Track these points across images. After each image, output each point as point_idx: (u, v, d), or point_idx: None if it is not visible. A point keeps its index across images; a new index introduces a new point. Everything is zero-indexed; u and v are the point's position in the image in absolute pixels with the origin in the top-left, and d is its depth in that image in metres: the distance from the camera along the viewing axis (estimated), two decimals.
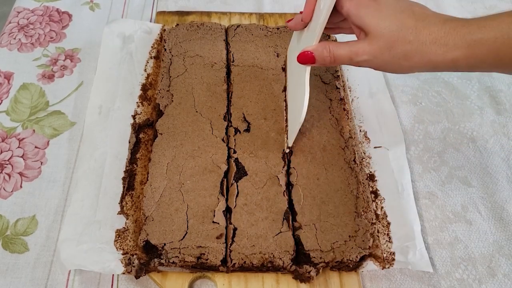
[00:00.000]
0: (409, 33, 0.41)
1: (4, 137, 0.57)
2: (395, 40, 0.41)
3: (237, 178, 0.50)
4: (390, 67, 0.43)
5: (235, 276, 0.46)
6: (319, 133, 0.55)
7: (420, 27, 0.41)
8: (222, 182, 0.50)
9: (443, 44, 0.40)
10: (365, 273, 0.48)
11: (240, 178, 0.50)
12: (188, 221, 0.47)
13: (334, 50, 0.44)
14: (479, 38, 0.39)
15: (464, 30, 0.40)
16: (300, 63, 0.46)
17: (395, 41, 0.41)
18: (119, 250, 0.46)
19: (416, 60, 0.41)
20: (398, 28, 0.41)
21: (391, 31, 0.41)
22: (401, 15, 0.42)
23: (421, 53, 0.41)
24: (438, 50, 0.40)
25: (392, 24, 0.41)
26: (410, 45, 0.41)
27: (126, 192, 0.51)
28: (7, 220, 0.50)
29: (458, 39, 0.40)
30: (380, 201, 0.52)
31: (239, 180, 0.50)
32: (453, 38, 0.40)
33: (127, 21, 0.68)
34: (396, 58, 0.42)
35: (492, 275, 0.49)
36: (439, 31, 0.40)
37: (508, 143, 0.60)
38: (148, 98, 0.60)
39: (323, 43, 0.45)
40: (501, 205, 0.54)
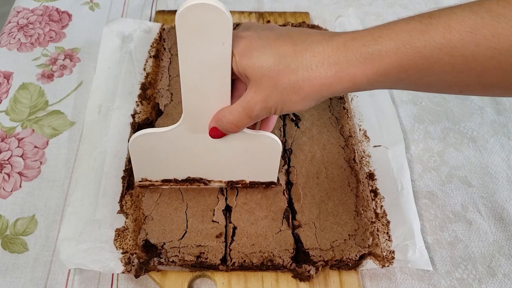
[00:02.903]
0: (290, 61, 0.34)
1: (3, 137, 0.57)
2: (277, 75, 0.34)
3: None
4: (286, 106, 0.36)
5: (234, 275, 0.46)
6: (319, 131, 0.55)
7: (300, 51, 0.34)
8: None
9: (332, 63, 0.34)
10: (365, 271, 0.48)
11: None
12: (187, 220, 0.47)
13: (230, 118, 0.39)
14: (376, 50, 0.33)
15: (356, 43, 0.33)
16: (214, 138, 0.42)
17: (277, 75, 0.34)
18: (118, 249, 0.46)
19: (306, 90, 0.35)
20: (276, 60, 0.34)
21: (270, 66, 0.34)
22: (276, 44, 0.35)
23: (310, 80, 0.34)
24: (328, 71, 0.34)
25: (268, 57, 0.34)
26: (295, 75, 0.34)
27: (125, 191, 0.51)
28: (6, 220, 0.50)
29: (351, 54, 0.33)
30: (380, 200, 0.52)
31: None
32: (344, 54, 0.33)
33: (127, 21, 0.68)
34: (286, 95, 0.35)
35: (492, 275, 0.49)
36: (325, 50, 0.34)
37: (508, 143, 0.60)
38: (148, 98, 0.60)
39: (219, 114, 0.39)
40: (501, 205, 0.54)
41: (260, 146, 0.44)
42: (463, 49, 0.31)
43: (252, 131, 0.43)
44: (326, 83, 0.34)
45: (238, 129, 0.40)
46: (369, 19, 0.75)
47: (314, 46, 0.34)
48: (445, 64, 0.32)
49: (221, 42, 0.34)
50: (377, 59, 0.33)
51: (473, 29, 0.30)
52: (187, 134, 0.43)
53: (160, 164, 0.47)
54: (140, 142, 0.44)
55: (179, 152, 0.45)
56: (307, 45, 0.35)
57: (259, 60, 0.35)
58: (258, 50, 0.35)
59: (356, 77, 0.34)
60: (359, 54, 0.33)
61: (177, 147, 0.44)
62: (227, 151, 0.45)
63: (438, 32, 0.31)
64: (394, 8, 0.77)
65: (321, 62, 0.34)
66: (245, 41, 0.36)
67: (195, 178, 0.49)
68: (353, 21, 0.70)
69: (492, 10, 0.30)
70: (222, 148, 0.44)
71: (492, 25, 0.30)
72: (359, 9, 0.76)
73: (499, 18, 0.30)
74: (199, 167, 0.47)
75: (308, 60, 0.34)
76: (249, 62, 0.35)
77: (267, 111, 0.37)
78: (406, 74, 0.33)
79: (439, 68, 0.32)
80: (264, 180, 0.49)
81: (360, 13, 0.75)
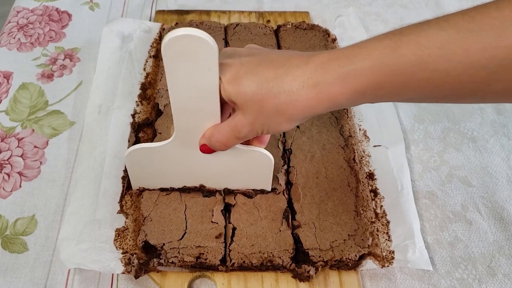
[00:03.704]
0: (271, 87, 0.35)
1: (3, 136, 0.57)
2: (261, 99, 0.36)
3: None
4: (271, 128, 0.38)
5: (234, 275, 0.46)
6: (319, 131, 0.55)
7: (281, 75, 0.35)
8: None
9: (312, 85, 0.35)
10: (365, 272, 0.48)
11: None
12: (186, 220, 0.47)
13: (219, 137, 0.40)
14: (351, 70, 0.34)
15: (332, 64, 0.35)
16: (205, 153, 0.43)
17: (261, 99, 0.36)
18: (118, 249, 0.46)
19: (290, 112, 0.36)
20: (258, 85, 0.35)
21: (253, 91, 0.36)
22: (258, 69, 0.36)
23: (292, 103, 0.35)
24: (309, 94, 0.35)
25: (252, 83, 0.36)
26: (278, 99, 0.35)
27: (125, 191, 0.51)
28: (6, 220, 0.50)
29: (328, 75, 0.34)
30: (380, 200, 0.52)
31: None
32: (322, 76, 0.35)
33: (127, 20, 0.68)
34: (271, 117, 0.37)
35: (492, 275, 0.48)
36: (304, 73, 0.35)
37: (508, 143, 0.60)
38: (147, 98, 0.60)
39: (208, 132, 0.41)
40: (501, 205, 0.54)
41: (252, 160, 0.45)
42: (435, 64, 0.32)
43: (244, 146, 0.43)
44: (308, 104, 0.36)
45: (226, 147, 0.41)
46: (369, 19, 0.75)
47: (294, 70, 0.36)
48: (420, 79, 0.33)
49: (207, 68, 0.35)
50: (353, 78, 0.34)
51: (443, 45, 0.31)
52: (180, 149, 0.44)
53: (156, 175, 0.48)
54: (136, 156, 0.45)
55: (173, 164, 0.46)
56: (287, 69, 0.36)
57: (243, 87, 0.36)
58: (242, 77, 0.36)
59: (336, 96, 0.35)
60: (336, 74, 0.34)
61: (172, 160, 0.45)
62: (220, 164, 0.45)
63: (409, 50, 0.32)
64: (394, 8, 0.77)
65: (301, 85, 0.35)
66: (229, 69, 0.37)
67: (191, 187, 0.49)
68: (353, 21, 0.69)
69: (458, 25, 0.31)
70: (216, 161, 0.45)
71: (460, 41, 0.31)
72: (359, 9, 0.76)
73: (466, 33, 0.30)
74: (194, 177, 0.48)
75: (289, 84, 0.35)
76: (234, 89, 0.36)
77: (254, 133, 0.39)
78: (383, 91, 0.34)
79: (415, 83, 0.33)
80: (258, 188, 0.49)
81: (360, 13, 0.75)
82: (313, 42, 0.65)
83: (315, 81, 0.35)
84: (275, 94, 0.35)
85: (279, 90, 0.35)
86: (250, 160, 0.45)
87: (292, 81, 0.35)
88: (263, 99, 0.36)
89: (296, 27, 0.67)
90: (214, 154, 0.43)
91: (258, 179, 0.48)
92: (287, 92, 0.35)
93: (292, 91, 0.35)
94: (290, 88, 0.35)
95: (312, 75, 0.35)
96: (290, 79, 0.35)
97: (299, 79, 0.35)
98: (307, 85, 0.35)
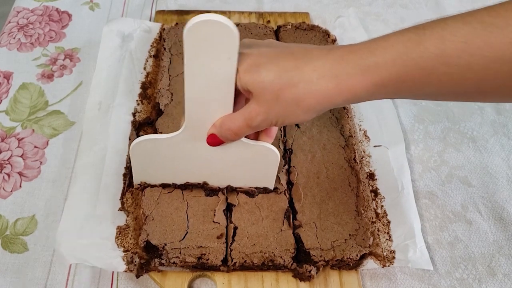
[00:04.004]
0: (291, 76, 0.35)
1: (3, 137, 0.57)
2: (279, 89, 0.36)
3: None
4: (287, 118, 0.38)
5: (235, 275, 0.46)
6: (319, 131, 0.55)
7: (301, 66, 0.36)
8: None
9: (332, 76, 0.35)
10: (365, 272, 0.48)
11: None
12: (188, 220, 0.47)
13: (230, 125, 0.40)
14: (373, 62, 0.34)
15: (353, 56, 0.35)
16: (211, 145, 0.42)
17: (280, 89, 0.36)
18: (120, 247, 0.46)
19: (308, 102, 0.36)
20: (277, 75, 0.36)
21: (272, 80, 0.36)
22: (278, 60, 0.36)
23: (311, 93, 0.35)
24: (329, 84, 0.35)
25: (270, 72, 0.36)
26: (296, 88, 0.35)
27: (126, 189, 0.51)
28: (6, 220, 0.50)
29: (349, 67, 0.34)
30: (380, 200, 0.52)
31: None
32: (343, 68, 0.35)
33: (127, 20, 0.68)
34: (288, 107, 0.36)
35: (492, 275, 0.49)
36: (325, 64, 0.35)
37: (508, 143, 0.60)
38: (148, 97, 0.60)
39: (219, 121, 0.40)
40: (501, 205, 0.54)
41: (258, 156, 0.45)
42: (458, 59, 0.31)
43: (251, 141, 0.43)
44: (327, 95, 0.35)
45: (236, 137, 0.41)
46: (369, 19, 0.75)
47: (314, 61, 0.36)
48: (442, 74, 0.32)
49: (227, 57, 0.35)
50: (375, 70, 0.34)
51: (467, 39, 0.31)
52: (188, 141, 0.43)
53: (160, 169, 0.47)
54: (142, 147, 0.45)
55: (179, 158, 0.46)
56: (308, 60, 0.36)
57: (261, 76, 0.36)
58: (260, 66, 0.36)
59: (356, 88, 0.35)
60: (357, 66, 0.34)
61: (178, 153, 0.45)
62: (226, 159, 0.45)
63: (433, 43, 0.32)
64: (394, 8, 0.77)
65: (322, 75, 0.35)
66: (247, 58, 0.37)
67: (194, 183, 0.49)
68: (353, 21, 0.70)
69: (484, 20, 0.31)
70: (221, 156, 0.45)
71: (485, 35, 0.31)
72: (359, 9, 0.76)
73: (491, 28, 0.30)
74: (198, 173, 0.48)
75: (309, 74, 0.35)
76: (251, 78, 0.36)
77: (268, 123, 0.38)
78: (404, 85, 0.34)
79: (436, 78, 0.33)
80: (261, 186, 0.49)
81: (360, 13, 0.75)
82: (313, 42, 0.65)
83: (335, 72, 0.35)
84: (294, 84, 0.35)
85: (298, 80, 0.35)
86: (256, 155, 0.44)
87: (312, 71, 0.35)
88: (281, 88, 0.36)
89: (296, 27, 0.67)
90: (220, 148, 0.43)
91: (262, 176, 0.48)
92: (306, 81, 0.35)
93: (312, 81, 0.35)
94: (310, 78, 0.35)
95: (333, 66, 0.35)
96: (310, 69, 0.35)
97: (319, 70, 0.35)
98: (327, 76, 0.35)
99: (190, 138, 0.43)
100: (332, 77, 0.35)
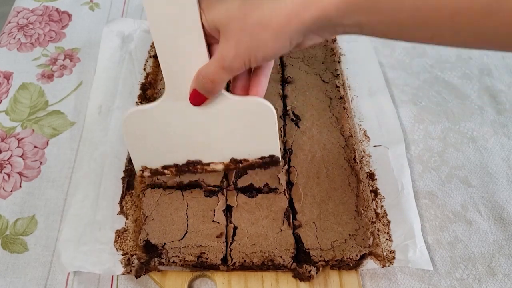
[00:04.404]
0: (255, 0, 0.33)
1: (3, 137, 0.57)
2: (243, 15, 0.33)
3: (237, 177, 0.50)
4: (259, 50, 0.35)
5: (234, 275, 0.46)
6: (319, 131, 0.55)
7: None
8: (222, 181, 0.50)
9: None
10: (365, 272, 0.48)
11: (240, 177, 0.50)
12: (188, 220, 0.47)
13: (206, 72, 0.38)
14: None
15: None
16: (195, 104, 0.41)
17: (244, 15, 0.33)
18: (119, 251, 0.46)
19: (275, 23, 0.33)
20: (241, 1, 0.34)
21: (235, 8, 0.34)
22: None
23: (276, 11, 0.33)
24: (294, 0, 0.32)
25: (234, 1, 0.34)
26: (261, 10, 0.33)
27: (125, 192, 0.51)
28: (6, 220, 0.50)
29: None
30: (380, 200, 0.52)
31: (239, 178, 0.50)
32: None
33: (127, 20, 0.68)
34: (255, 34, 0.34)
35: (492, 275, 0.49)
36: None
37: (508, 143, 0.60)
38: (148, 98, 0.60)
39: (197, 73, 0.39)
40: (501, 205, 0.54)
41: (251, 114, 0.42)
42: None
43: (238, 96, 0.41)
44: (293, 12, 0.33)
45: (214, 85, 0.39)
46: None
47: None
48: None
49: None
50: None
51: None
52: (174, 106, 0.42)
53: (156, 146, 0.46)
54: (133, 124, 0.43)
55: (171, 129, 0.44)
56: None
57: (225, 6, 0.35)
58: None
59: (324, 4, 0.32)
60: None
61: (168, 123, 0.43)
62: (220, 124, 0.43)
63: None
64: None
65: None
66: None
67: (195, 161, 0.47)
68: None
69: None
70: (213, 120, 0.42)
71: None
72: None
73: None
74: (197, 148, 0.46)
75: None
76: (216, 12, 0.35)
77: (241, 60, 0.36)
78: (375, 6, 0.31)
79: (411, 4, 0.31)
80: (266, 154, 0.48)
81: None
82: None
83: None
84: (258, 6, 0.33)
85: (261, 1, 0.33)
86: (249, 113, 0.42)
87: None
88: (245, 14, 0.34)
89: None
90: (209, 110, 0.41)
91: (263, 142, 0.46)
92: (271, 1, 0.33)
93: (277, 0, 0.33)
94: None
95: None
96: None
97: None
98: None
99: (174, 99, 0.41)
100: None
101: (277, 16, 0.33)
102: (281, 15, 0.33)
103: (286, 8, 0.33)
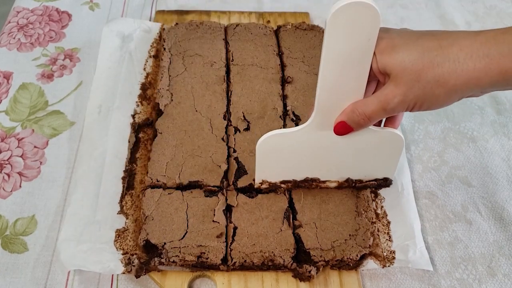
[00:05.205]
0: (435, 56, 0.34)
1: (3, 137, 0.57)
2: (421, 69, 0.35)
3: (237, 177, 0.50)
4: (426, 102, 0.36)
5: (234, 275, 0.46)
6: None
7: (446, 46, 0.34)
8: (222, 181, 0.50)
9: (482, 56, 0.33)
10: (365, 272, 0.48)
11: (240, 177, 0.50)
12: (188, 220, 0.47)
13: (364, 110, 0.39)
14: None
15: (508, 36, 0.33)
16: (339, 134, 0.42)
17: (421, 69, 0.35)
18: (119, 250, 0.46)
19: (452, 83, 0.34)
20: (420, 55, 0.35)
21: (413, 60, 0.35)
22: (420, 41, 0.36)
23: (456, 73, 0.34)
24: (477, 64, 0.33)
25: (411, 53, 0.35)
26: (440, 68, 0.34)
27: (126, 192, 0.51)
28: (6, 220, 0.50)
29: (504, 47, 0.33)
30: (380, 200, 0.52)
31: (239, 178, 0.50)
32: (495, 47, 0.33)
33: (127, 20, 0.68)
34: (429, 88, 0.35)
35: (492, 275, 0.49)
36: (473, 44, 0.34)
37: (508, 143, 0.60)
38: (148, 98, 0.60)
39: (350, 107, 0.40)
40: (501, 205, 0.54)
41: (382, 143, 0.44)
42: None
43: (377, 128, 0.43)
44: (474, 76, 0.34)
45: (369, 122, 0.40)
46: None
47: (461, 41, 0.34)
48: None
49: (367, 38, 0.35)
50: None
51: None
52: (314, 132, 0.43)
53: (283, 165, 0.47)
54: (269, 143, 0.44)
55: (303, 151, 0.46)
56: (453, 40, 0.35)
57: (401, 56, 0.35)
58: (398, 47, 0.36)
59: (507, 69, 0.33)
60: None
61: (303, 146, 0.45)
62: (349, 149, 0.45)
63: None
64: (394, 8, 0.77)
65: (469, 55, 0.34)
66: (385, 40, 0.36)
67: (313, 178, 0.49)
68: None
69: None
70: (345, 146, 0.44)
71: None
72: None
73: None
74: (319, 167, 0.48)
75: (455, 54, 0.34)
76: (390, 58, 0.36)
77: (405, 106, 0.37)
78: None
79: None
80: (382, 176, 0.49)
81: None
82: (313, 42, 0.65)
83: (485, 52, 0.33)
84: (438, 63, 0.34)
85: (443, 59, 0.34)
86: (380, 142, 0.44)
87: (459, 51, 0.34)
88: (423, 68, 0.35)
89: (296, 27, 0.67)
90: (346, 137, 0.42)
91: (383, 166, 0.48)
92: (452, 61, 0.34)
93: (458, 61, 0.34)
94: (456, 57, 0.34)
95: (483, 46, 0.34)
96: (457, 49, 0.34)
97: (466, 49, 0.34)
98: (476, 56, 0.34)
99: (317, 129, 0.43)
100: (481, 56, 0.33)
101: (457, 78, 0.34)
102: (461, 76, 0.34)
103: (468, 71, 0.34)
